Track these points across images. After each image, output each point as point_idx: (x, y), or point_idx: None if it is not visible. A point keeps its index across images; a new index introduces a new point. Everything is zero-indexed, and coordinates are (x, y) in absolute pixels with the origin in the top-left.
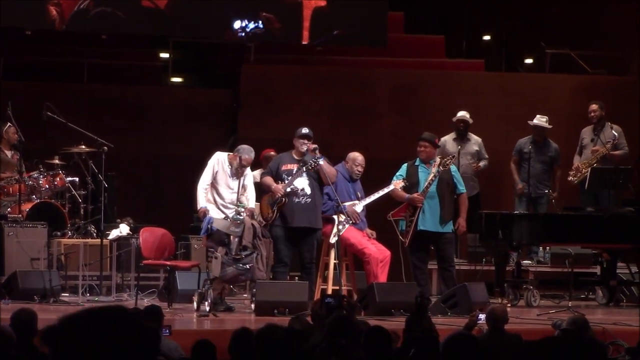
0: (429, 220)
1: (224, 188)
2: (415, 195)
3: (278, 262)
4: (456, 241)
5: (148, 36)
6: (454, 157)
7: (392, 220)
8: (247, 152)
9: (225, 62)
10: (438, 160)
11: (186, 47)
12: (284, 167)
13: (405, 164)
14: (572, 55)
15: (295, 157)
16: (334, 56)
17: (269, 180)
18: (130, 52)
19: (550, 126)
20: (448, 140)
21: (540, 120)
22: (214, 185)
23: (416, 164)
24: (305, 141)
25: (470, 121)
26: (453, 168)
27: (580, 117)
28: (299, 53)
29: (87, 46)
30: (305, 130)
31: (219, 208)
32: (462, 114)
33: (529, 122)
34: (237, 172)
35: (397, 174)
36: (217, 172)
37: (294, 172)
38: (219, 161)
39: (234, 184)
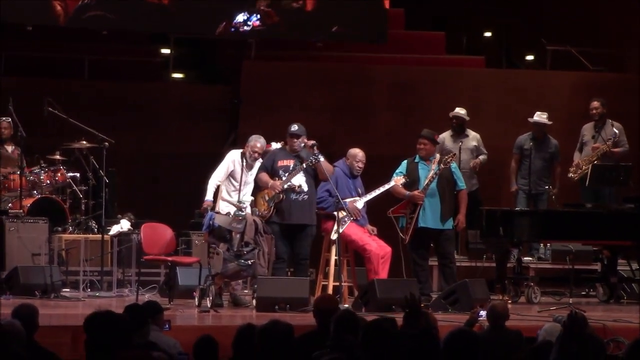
0: (429, 217)
1: (242, 184)
2: (415, 192)
3: (276, 259)
4: (456, 237)
5: (149, 32)
6: (454, 154)
7: (392, 217)
8: (254, 139)
9: (226, 59)
10: (438, 157)
11: (187, 43)
12: (280, 163)
13: (405, 161)
14: (572, 52)
15: (291, 152)
16: (335, 52)
17: (265, 176)
18: (131, 48)
19: (550, 122)
20: (446, 137)
21: (540, 117)
22: (231, 183)
23: (416, 160)
24: (295, 139)
25: (467, 118)
26: (453, 165)
27: (581, 114)
28: (299, 49)
29: (87, 42)
30: (295, 127)
31: (235, 205)
32: (457, 110)
33: (529, 119)
34: (249, 166)
35: (397, 170)
36: (233, 171)
37: (291, 168)
38: (234, 161)
39: (249, 177)
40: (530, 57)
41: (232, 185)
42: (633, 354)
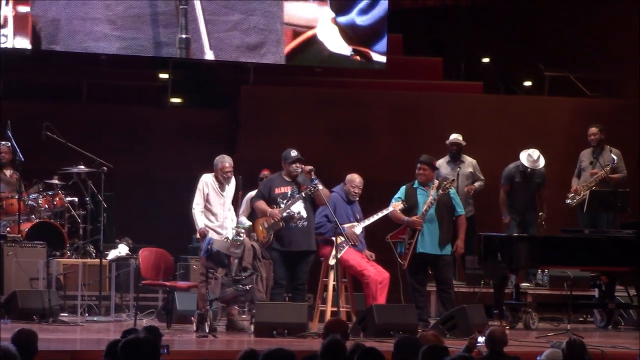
0: (428, 242)
1: (218, 207)
2: (414, 218)
3: (275, 284)
4: (454, 263)
5: (147, 56)
6: (453, 180)
7: (391, 242)
8: (220, 161)
9: (225, 83)
10: (436, 183)
11: (186, 67)
12: (277, 191)
13: (404, 187)
14: (570, 78)
15: (287, 179)
16: (333, 77)
17: (262, 204)
18: (130, 73)
19: (542, 165)
20: (442, 163)
21: (534, 163)
22: (207, 207)
23: (415, 186)
24: (299, 164)
25: (463, 143)
26: (452, 190)
27: (579, 139)
28: (298, 74)
29: (86, 66)
30: (295, 152)
31: (214, 230)
32: (455, 136)
33: (522, 157)
34: (223, 185)
35: (396, 196)
36: (207, 194)
37: (289, 195)
38: (207, 183)
39: (225, 200)
40: (528, 83)
41: (209, 210)
42: None
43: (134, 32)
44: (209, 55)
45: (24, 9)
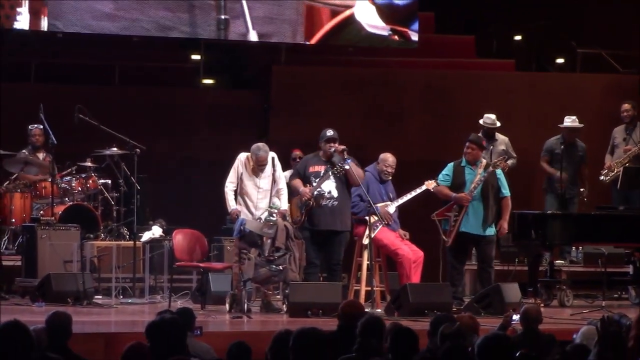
0: (472, 222)
1: (251, 188)
2: (463, 194)
3: (308, 264)
4: (497, 243)
5: (178, 38)
6: (504, 158)
7: (436, 220)
8: (255, 151)
9: (256, 64)
10: (484, 162)
11: (218, 48)
12: (311, 169)
13: (452, 164)
14: (603, 54)
15: (323, 158)
16: (365, 57)
17: (297, 183)
18: (161, 55)
19: (582, 125)
20: None
21: (573, 122)
22: (241, 186)
23: (462, 164)
24: (332, 144)
25: (498, 124)
26: (498, 171)
27: (611, 116)
28: (330, 54)
29: (118, 49)
30: (330, 132)
31: (248, 209)
32: (493, 118)
33: (561, 125)
34: (255, 171)
35: (443, 172)
36: (241, 173)
37: (321, 174)
38: (242, 162)
39: (259, 181)
40: (560, 61)
41: (242, 189)
42: None
43: (165, 12)
44: (253, 35)
45: None
